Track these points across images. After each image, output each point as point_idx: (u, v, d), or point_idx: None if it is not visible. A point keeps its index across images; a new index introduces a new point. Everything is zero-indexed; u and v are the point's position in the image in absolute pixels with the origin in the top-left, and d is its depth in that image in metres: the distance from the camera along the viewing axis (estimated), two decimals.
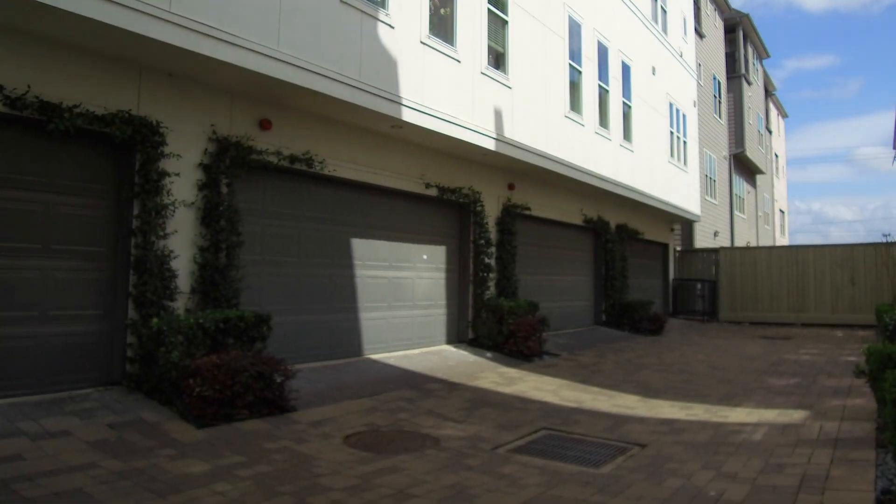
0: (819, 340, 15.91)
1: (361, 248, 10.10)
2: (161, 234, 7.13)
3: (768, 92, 39.43)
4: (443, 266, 11.75)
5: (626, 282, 17.69)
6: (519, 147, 11.89)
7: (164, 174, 7.19)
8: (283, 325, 8.80)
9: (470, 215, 12.10)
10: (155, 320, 6.65)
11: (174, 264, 7.25)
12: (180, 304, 7.33)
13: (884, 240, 19.95)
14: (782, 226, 46.77)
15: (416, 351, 10.78)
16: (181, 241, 7.43)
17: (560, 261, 15.67)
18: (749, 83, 31.93)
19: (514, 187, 13.29)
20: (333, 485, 4.83)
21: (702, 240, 25.34)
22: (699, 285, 21.98)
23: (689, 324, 20.43)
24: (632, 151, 17.05)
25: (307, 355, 9.09)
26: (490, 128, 11.09)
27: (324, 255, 9.49)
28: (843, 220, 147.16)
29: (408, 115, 9.31)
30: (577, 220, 16.08)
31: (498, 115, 11.33)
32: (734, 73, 30.89)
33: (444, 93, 10.06)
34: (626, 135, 16.90)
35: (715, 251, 22.61)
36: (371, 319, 10.17)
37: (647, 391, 8.89)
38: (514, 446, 6.20)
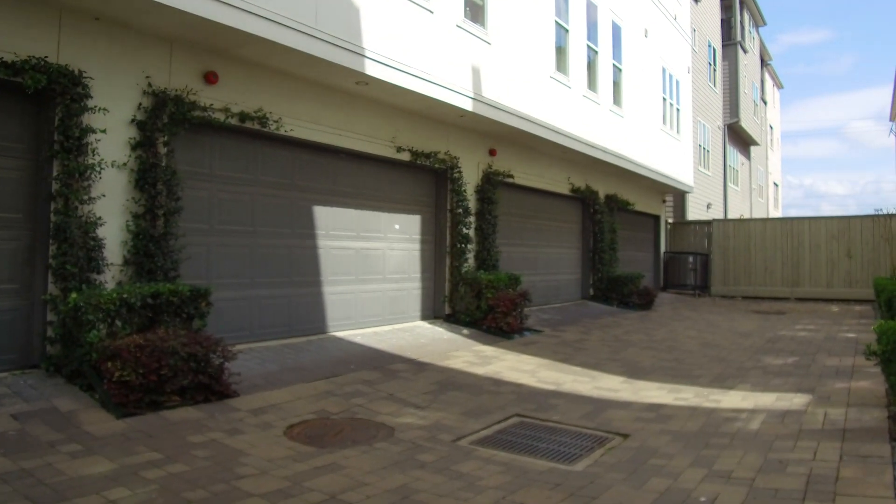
0: (815, 316, 15.25)
1: (325, 216, 9.28)
2: (85, 198, 6.29)
3: (764, 61, 38.44)
4: (417, 236, 10.95)
5: (615, 254, 16.93)
6: (499, 108, 11.04)
7: (89, 131, 6.33)
8: (236, 301, 8.05)
9: (447, 182, 11.27)
10: (73, 295, 5.84)
11: (101, 232, 6.42)
12: (109, 277, 6.52)
13: (878, 213, 19.27)
14: (776, 199, 46.06)
15: (387, 328, 10.02)
16: (111, 207, 6.60)
17: (545, 232, 14.88)
18: (745, 51, 30.97)
19: (496, 153, 12.45)
20: (255, 489, 4.08)
21: (694, 212, 24.58)
22: (691, 258, 21.27)
23: (680, 298, 19.75)
24: (622, 117, 16.19)
25: (263, 333, 8.33)
26: (467, 86, 10.23)
27: (282, 223, 8.68)
28: (835, 195, 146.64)
29: (373, 70, 8.45)
30: (564, 190, 15.26)
31: (476, 73, 10.46)
32: (729, 40, 29.89)
33: (414, 46, 9.18)
34: (617, 100, 16.03)
35: (708, 223, 21.87)
36: (336, 294, 9.39)
37: (634, 371, 8.17)
38: (479, 437, 5.47)
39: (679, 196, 23.46)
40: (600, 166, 16.06)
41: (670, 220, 23.01)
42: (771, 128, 42.52)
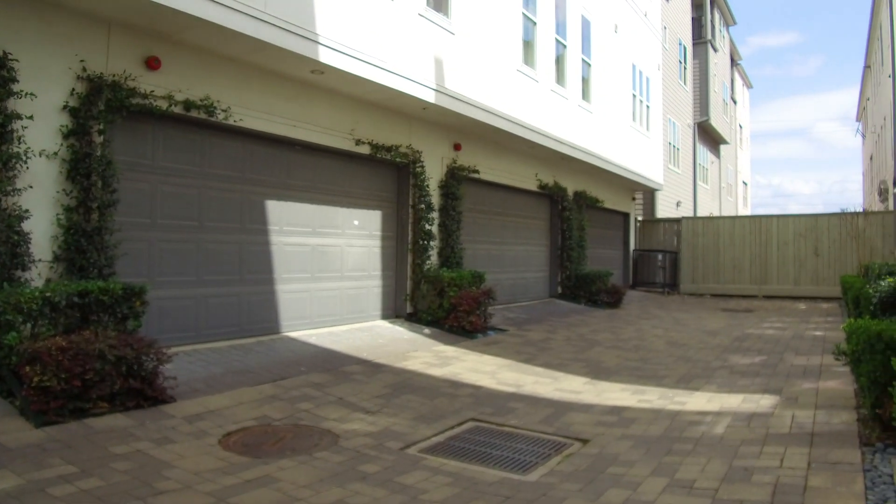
0: (782, 313, 15.16)
1: (279, 211, 8.88)
2: (9, 189, 5.84)
3: (734, 61, 38.62)
4: (378, 233, 10.57)
5: (583, 252, 16.69)
6: (464, 101, 10.70)
7: (14, 117, 5.88)
8: (181, 300, 7.63)
9: (409, 177, 10.90)
10: None
11: (28, 226, 5.96)
12: (36, 274, 6.06)
13: (845, 211, 19.33)
14: (745, 198, 46.39)
15: (345, 327, 9.64)
16: (39, 200, 6.15)
17: (512, 229, 14.58)
18: (715, 50, 31.02)
19: (461, 148, 12.12)
20: None
21: (664, 209, 24.51)
22: (660, 256, 21.16)
23: (649, 296, 19.61)
24: (591, 113, 15.96)
25: (210, 334, 7.91)
26: (430, 78, 9.88)
27: (232, 218, 8.26)
28: (802, 195, 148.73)
29: (328, 57, 8.06)
30: (532, 186, 14.98)
31: (439, 64, 10.12)
32: (700, 38, 29.90)
33: (373, 34, 8.81)
34: (586, 95, 15.80)
35: (677, 221, 21.78)
36: (290, 292, 8.99)
37: (598, 372, 7.90)
38: (429, 444, 5.13)
39: (649, 194, 23.36)
40: (569, 163, 15.82)
41: (640, 218, 22.90)
42: (740, 127, 42.80)
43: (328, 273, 9.60)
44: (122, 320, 6.06)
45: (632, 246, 21.84)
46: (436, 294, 10.50)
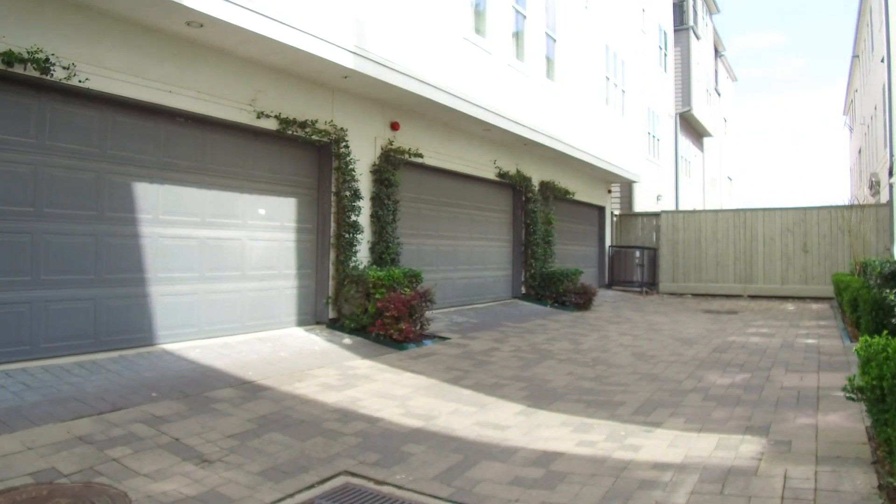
0: (769, 316, 13.65)
1: (153, 195, 7.22)
2: None
3: (717, 51, 37.20)
4: (292, 224, 8.92)
5: (549, 248, 15.10)
6: (395, 70, 9.08)
7: None
8: (8, 306, 6.01)
9: (332, 159, 9.27)
10: None
11: None
12: None
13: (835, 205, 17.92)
14: (730, 193, 45.01)
15: (246, 337, 8.00)
16: None
17: (467, 222, 12.95)
18: (698, 37, 29.54)
19: (399, 127, 10.49)
20: None
21: (644, 203, 22.96)
22: (638, 253, 19.64)
23: (624, 296, 18.07)
24: (557, 94, 14.37)
25: (53, 348, 6.26)
26: (347, 39, 8.24)
27: (85, 204, 6.59)
28: (786, 192, 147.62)
29: (201, 4, 6.41)
30: (490, 174, 13.37)
31: (359, 24, 8.49)
32: (682, 25, 28.42)
33: None
34: (550, 74, 14.21)
35: (656, 215, 20.28)
36: (171, 295, 7.34)
37: (539, 396, 6.30)
38: None
39: (626, 186, 21.83)
40: (533, 149, 14.23)
41: (616, 212, 21.35)
42: (725, 120, 41.40)
43: (225, 272, 7.96)
44: None
45: (608, 242, 20.30)
46: (362, 297, 8.89)
